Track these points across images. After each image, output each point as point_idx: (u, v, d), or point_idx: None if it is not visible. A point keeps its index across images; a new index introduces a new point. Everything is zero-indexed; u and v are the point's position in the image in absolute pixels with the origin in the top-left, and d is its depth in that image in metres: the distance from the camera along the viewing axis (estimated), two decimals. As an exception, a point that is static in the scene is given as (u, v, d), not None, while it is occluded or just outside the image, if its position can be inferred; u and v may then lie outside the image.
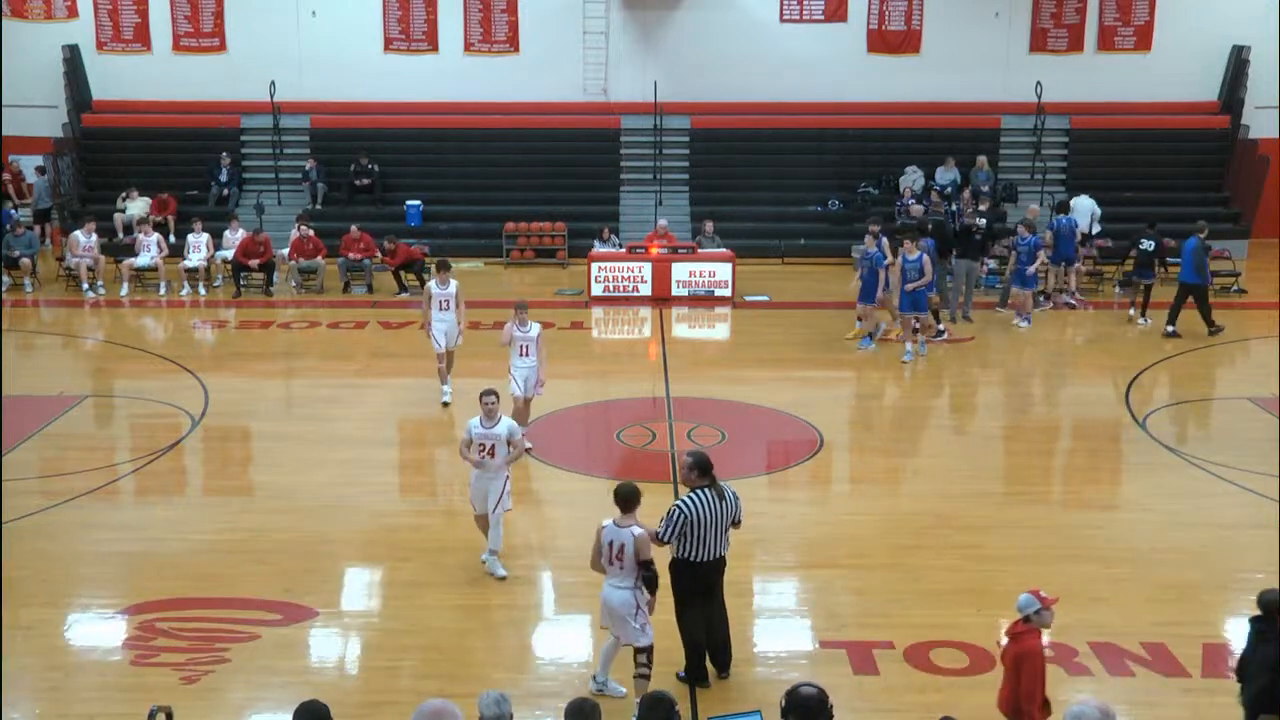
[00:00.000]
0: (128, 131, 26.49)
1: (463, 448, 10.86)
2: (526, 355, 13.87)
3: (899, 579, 10.99)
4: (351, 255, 22.32)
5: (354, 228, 22.51)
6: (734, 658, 9.33)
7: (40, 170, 25.63)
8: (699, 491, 8.91)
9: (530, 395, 13.99)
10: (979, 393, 16.91)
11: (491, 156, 26.37)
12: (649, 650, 8.69)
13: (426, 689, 8.74)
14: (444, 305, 15.45)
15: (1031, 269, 20.10)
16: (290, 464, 14.02)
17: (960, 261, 20.46)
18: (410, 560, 11.21)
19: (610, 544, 8.70)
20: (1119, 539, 11.97)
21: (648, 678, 8.69)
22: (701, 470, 9.00)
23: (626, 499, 8.77)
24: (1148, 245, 20.52)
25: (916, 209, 22.77)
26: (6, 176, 25.61)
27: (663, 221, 23.24)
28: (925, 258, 17.95)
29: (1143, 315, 20.36)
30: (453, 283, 15.58)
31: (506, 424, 10.86)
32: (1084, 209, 23.87)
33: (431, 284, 15.66)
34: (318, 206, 25.26)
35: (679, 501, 8.92)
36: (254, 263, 21.89)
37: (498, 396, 10.89)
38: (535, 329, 13.95)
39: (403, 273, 22.12)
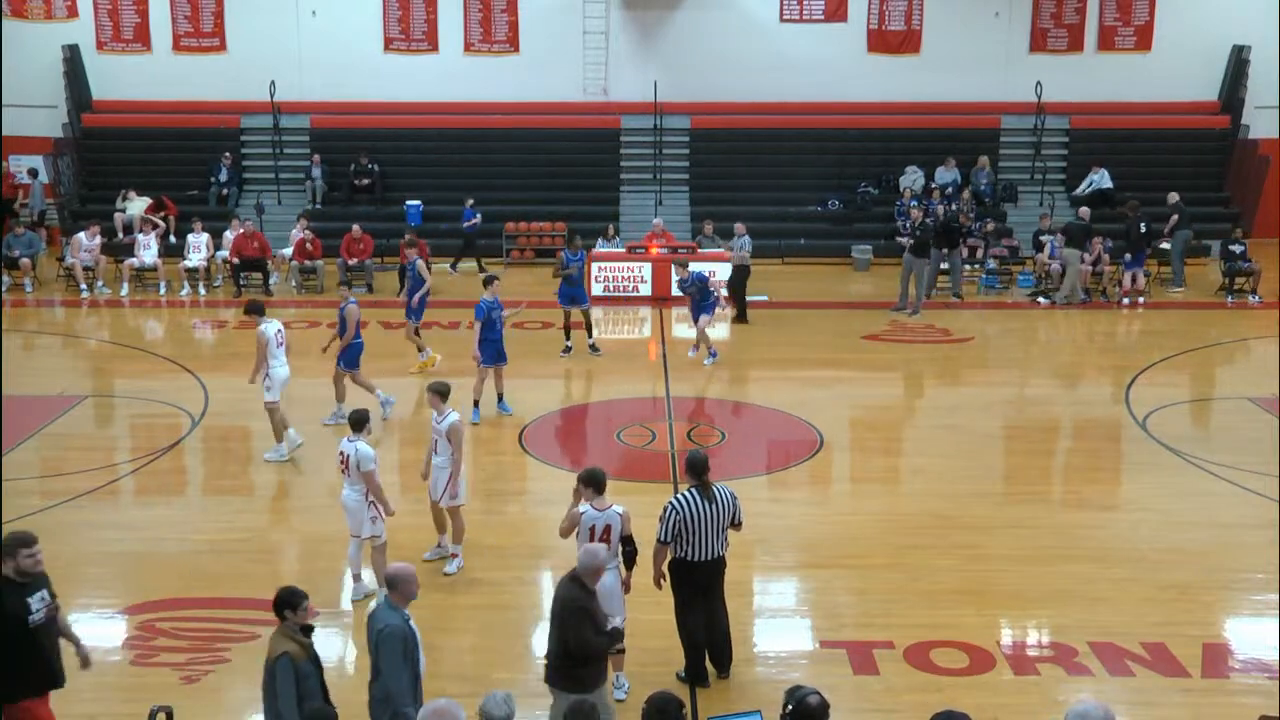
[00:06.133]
0: (128, 131, 26.48)
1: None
2: (435, 453, 11.02)
3: (899, 579, 10.99)
4: (352, 259, 22.30)
5: (356, 227, 22.51)
6: (734, 658, 9.34)
7: (33, 173, 25.57)
8: (689, 491, 8.94)
9: (439, 500, 11.13)
10: (979, 393, 16.91)
11: (491, 156, 26.37)
12: (621, 628, 8.91)
13: (427, 689, 8.70)
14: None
15: (713, 307, 18.01)
16: (290, 464, 14.02)
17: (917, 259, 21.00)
18: (410, 560, 11.17)
19: (593, 528, 8.77)
20: (1119, 539, 11.97)
21: (623, 652, 8.95)
22: (692, 470, 9.03)
23: (600, 481, 8.90)
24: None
25: (916, 212, 22.80)
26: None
27: (657, 221, 23.22)
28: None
29: (1253, 294, 21.91)
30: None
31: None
32: (1096, 179, 25.23)
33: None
34: (317, 206, 25.26)
35: (672, 500, 8.96)
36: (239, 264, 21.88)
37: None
38: (449, 420, 10.87)
39: (405, 274, 22.10)
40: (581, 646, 7.63)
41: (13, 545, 7.24)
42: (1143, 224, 21.91)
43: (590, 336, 18.19)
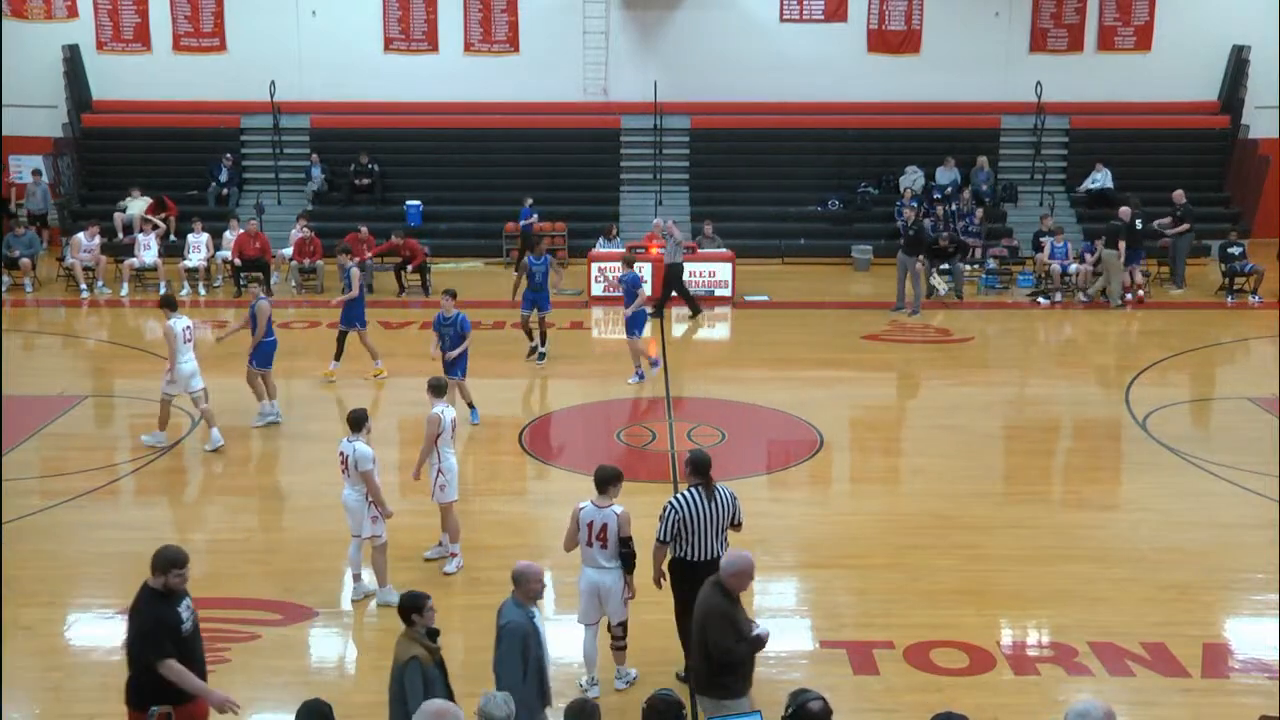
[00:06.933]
0: (128, 131, 26.49)
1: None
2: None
3: (899, 579, 10.99)
4: (366, 259, 22.31)
5: (363, 228, 22.49)
6: (734, 658, 9.33)
7: (37, 174, 25.59)
8: (690, 490, 8.94)
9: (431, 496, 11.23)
10: (979, 393, 16.91)
11: (491, 156, 26.36)
12: (625, 622, 9.00)
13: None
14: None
15: (630, 310, 16.88)
16: (289, 464, 14.03)
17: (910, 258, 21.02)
18: (409, 560, 11.21)
19: (590, 525, 8.81)
20: (1119, 539, 11.98)
21: (625, 648, 9.06)
22: (695, 469, 9.03)
23: (605, 480, 8.92)
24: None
25: (910, 211, 22.89)
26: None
27: (658, 220, 23.21)
28: None
29: (1254, 294, 21.89)
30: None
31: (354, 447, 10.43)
32: (1100, 178, 25.27)
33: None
34: (311, 206, 25.18)
35: (672, 499, 8.96)
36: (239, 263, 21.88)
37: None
38: (430, 412, 10.98)
39: (404, 273, 22.13)
40: (723, 654, 7.54)
41: (165, 565, 7.35)
42: (1138, 221, 22.00)
43: (543, 344, 17.85)
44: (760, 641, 7.70)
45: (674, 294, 20.69)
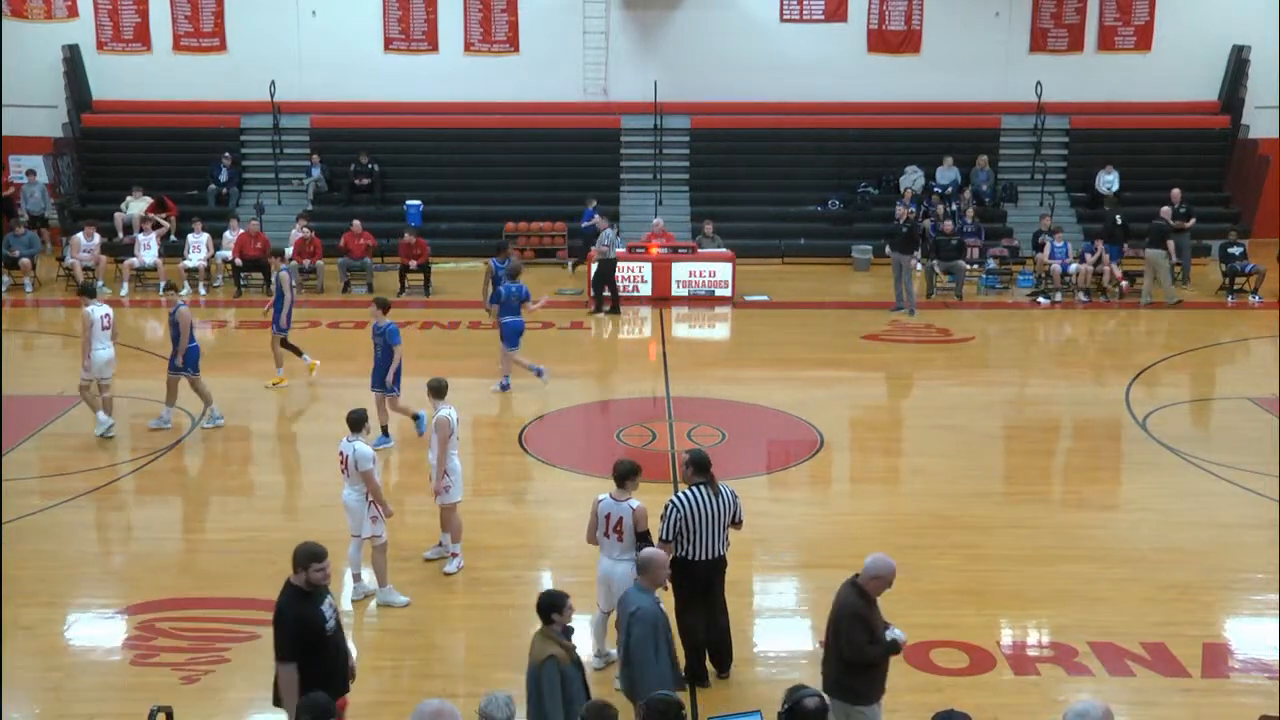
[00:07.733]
0: (128, 131, 26.48)
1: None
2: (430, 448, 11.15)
3: (899, 579, 10.92)
4: (353, 255, 22.32)
5: (356, 223, 22.51)
6: (734, 658, 9.34)
7: (32, 174, 25.57)
8: (694, 489, 8.94)
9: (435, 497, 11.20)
10: (979, 393, 16.91)
11: (491, 156, 26.36)
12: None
13: (426, 689, 8.75)
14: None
15: (518, 335, 16.32)
16: (290, 464, 14.01)
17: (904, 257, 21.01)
18: (410, 560, 11.21)
19: (607, 517, 8.88)
20: (1119, 539, 11.97)
21: None
22: (698, 468, 9.03)
23: (623, 474, 8.98)
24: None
25: (903, 210, 22.95)
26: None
27: (658, 220, 23.22)
28: None
29: (1254, 294, 21.91)
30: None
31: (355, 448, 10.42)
32: (1105, 181, 25.27)
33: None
34: (309, 206, 25.19)
35: (673, 498, 8.95)
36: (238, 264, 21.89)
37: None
38: (437, 415, 11.03)
39: (407, 274, 22.10)
40: (855, 654, 7.47)
41: (305, 559, 7.42)
42: (1118, 216, 22.29)
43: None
44: (895, 646, 7.55)
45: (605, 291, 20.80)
